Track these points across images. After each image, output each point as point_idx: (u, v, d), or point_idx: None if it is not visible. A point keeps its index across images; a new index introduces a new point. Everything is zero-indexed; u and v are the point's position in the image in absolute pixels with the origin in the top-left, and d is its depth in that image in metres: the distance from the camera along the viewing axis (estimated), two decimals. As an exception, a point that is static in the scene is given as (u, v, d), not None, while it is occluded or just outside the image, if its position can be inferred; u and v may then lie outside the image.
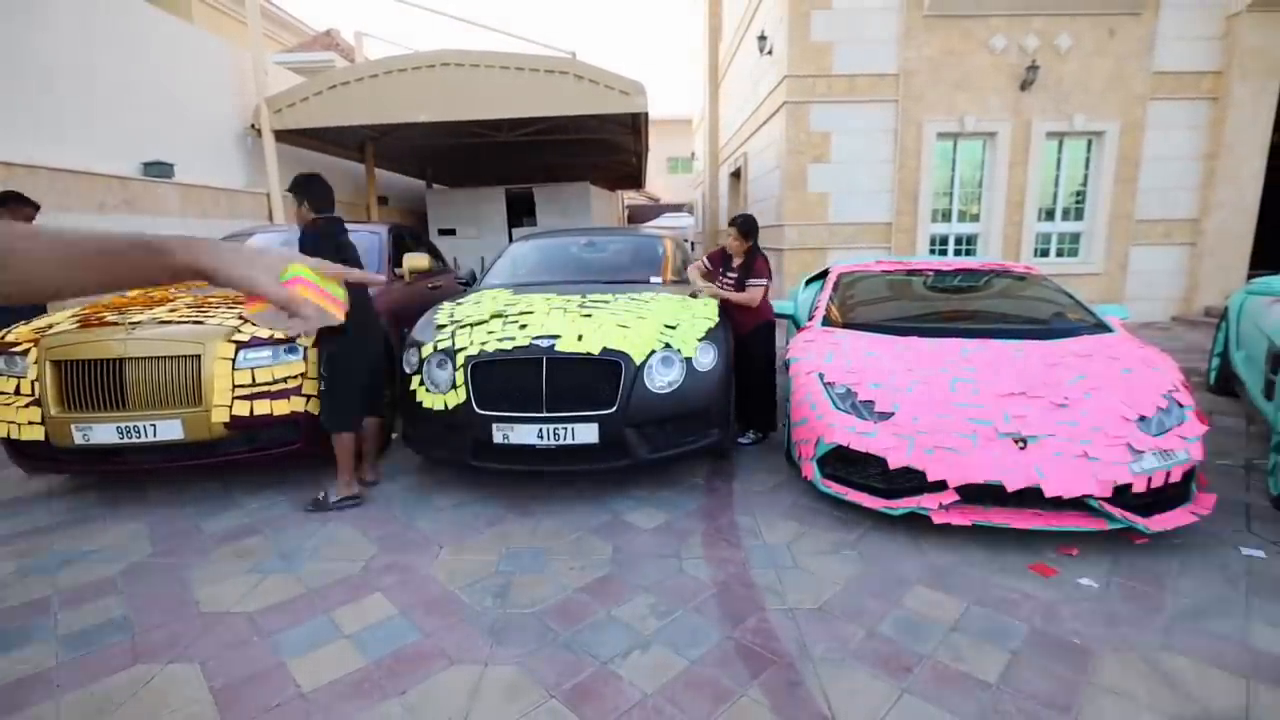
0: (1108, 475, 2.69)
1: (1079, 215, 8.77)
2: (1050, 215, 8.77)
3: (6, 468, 3.95)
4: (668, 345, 3.29)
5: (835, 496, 3.14)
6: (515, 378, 3.15)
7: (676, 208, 28.06)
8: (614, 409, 3.11)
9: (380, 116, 8.43)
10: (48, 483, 3.75)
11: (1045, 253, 8.83)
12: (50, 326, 3.41)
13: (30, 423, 3.21)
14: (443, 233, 12.13)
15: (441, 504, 3.38)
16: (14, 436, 3.24)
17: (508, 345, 3.18)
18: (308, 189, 3.28)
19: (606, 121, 9.56)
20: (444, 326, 3.57)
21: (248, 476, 3.71)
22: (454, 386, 3.22)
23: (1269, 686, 1.98)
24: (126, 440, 3.19)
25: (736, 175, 12.79)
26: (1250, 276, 8.55)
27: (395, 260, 5.04)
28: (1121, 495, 2.72)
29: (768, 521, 3.13)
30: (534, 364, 3.13)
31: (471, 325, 3.45)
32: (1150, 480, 2.72)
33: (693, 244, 17.00)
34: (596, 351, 3.13)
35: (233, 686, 2.03)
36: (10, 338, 3.36)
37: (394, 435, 4.20)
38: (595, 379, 3.15)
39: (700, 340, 3.40)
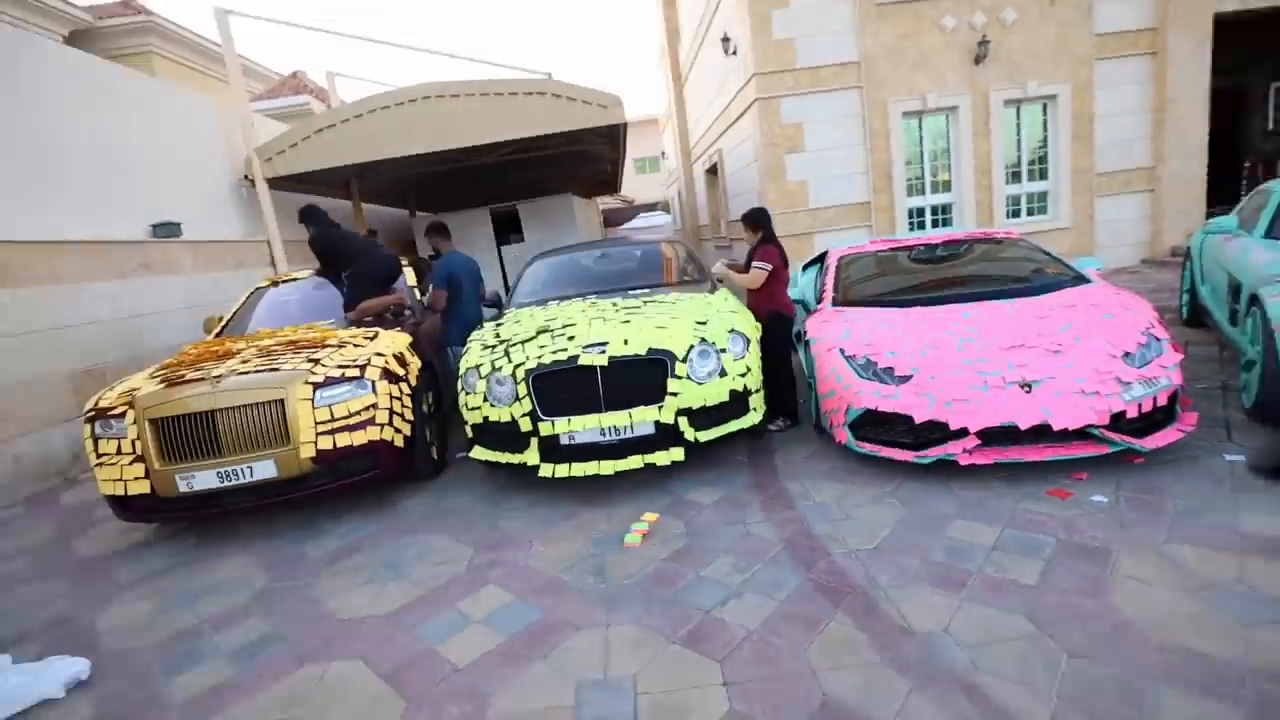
0: (1104, 405, 3.11)
1: (1044, 175, 9.29)
2: (1017, 178, 9.29)
3: (95, 526, 4.23)
4: (703, 340, 3.67)
5: (870, 455, 3.53)
6: (573, 383, 3.51)
7: (650, 207, 28.47)
8: (665, 401, 3.48)
9: (367, 154, 8.70)
10: (143, 534, 4.04)
11: (1017, 213, 9.35)
12: (136, 390, 3.70)
13: (137, 478, 3.51)
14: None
15: (516, 506, 3.72)
16: (122, 493, 3.53)
17: (562, 356, 3.53)
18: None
19: (584, 133, 9.91)
20: (494, 347, 3.92)
21: (327, 507, 4.02)
22: (517, 399, 3.57)
23: (1257, 557, 2.41)
24: (226, 484, 3.50)
25: (713, 171, 13.21)
26: (1208, 215, 9.14)
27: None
28: (1118, 422, 3.15)
29: (813, 485, 3.52)
30: (589, 369, 3.49)
31: (522, 342, 3.80)
32: (1140, 406, 3.16)
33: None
34: (644, 352, 3.50)
35: (398, 671, 2.37)
36: (104, 403, 3.65)
37: (460, 455, 4.52)
38: (644, 377, 3.52)
39: (730, 332, 3.79)
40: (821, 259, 5.84)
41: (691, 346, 3.61)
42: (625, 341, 3.55)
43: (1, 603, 3.35)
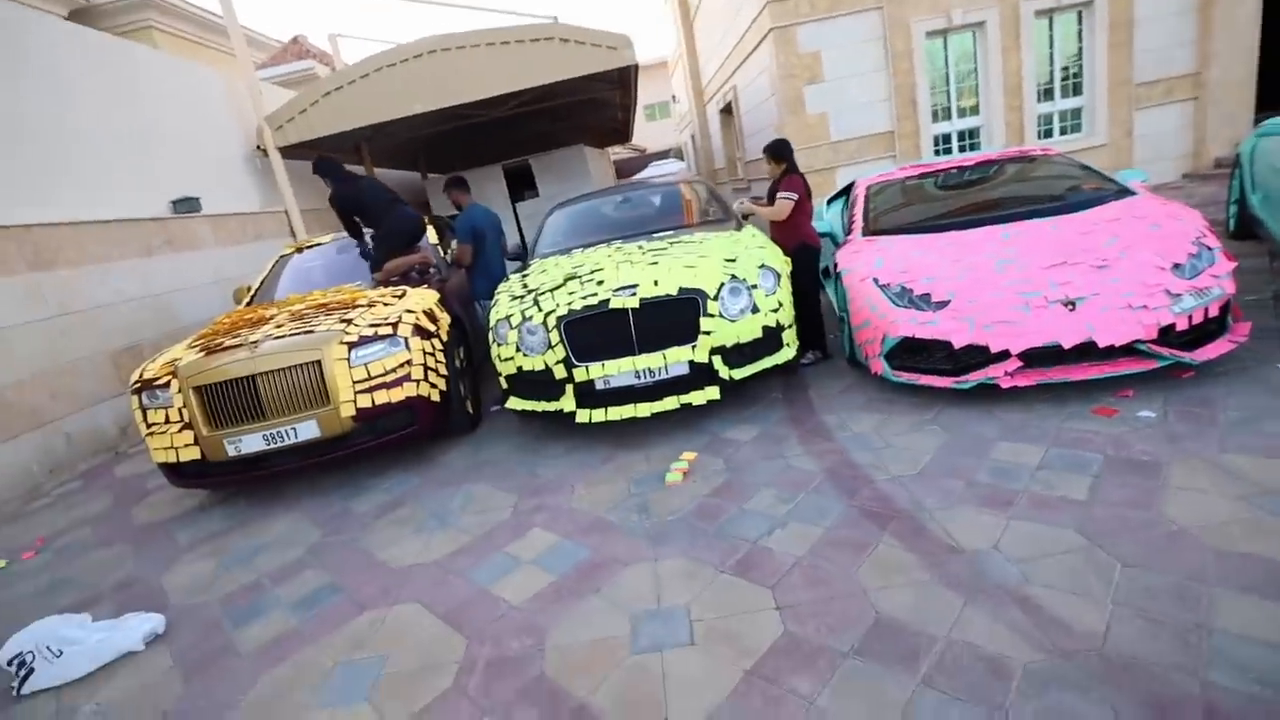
0: (1151, 319, 3.01)
1: (1077, 91, 8.81)
2: (1049, 95, 8.83)
3: (150, 495, 4.40)
4: (733, 276, 3.61)
5: (908, 384, 3.48)
6: (606, 328, 3.49)
7: (662, 155, 27.81)
8: (698, 340, 3.45)
9: (376, 115, 8.58)
10: (197, 499, 4.18)
11: (1049, 133, 8.92)
12: (177, 359, 3.78)
13: (187, 444, 3.61)
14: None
15: (554, 452, 3.77)
16: (174, 460, 3.65)
17: (593, 300, 3.51)
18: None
19: (593, 80, 9.61)
20: (522, 297, 3.90)
21: (368, 465, 4.11)
22: (550, 346, 3.56)
23: (1319, 463, 2.34)
24: (273, 446, 3.59)
25: (727, 111, 12.80)
26: (1257, 120, 8.62)
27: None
28: (1166, 336, 3.05)
29: (850, 416, 3.49)
30: (621, 312, 3.46)
31: (551, 290, 3.77)
32: (1191, 318, 3.04)
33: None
34: (675, 292, 3.46)
35: (455, 612, 2.45)
36: (149, 375, 3.73)
37: (495, 407, 4.58)
38: (676, 317, 3.48)
39: (760, 268, 3.71)
40: (847, 191, 5.66)
41: (722, 284, 3.55)
42: (655, 282, 3.50)
43: (73, 569, 3.51)
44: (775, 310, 3.65)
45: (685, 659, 1.97)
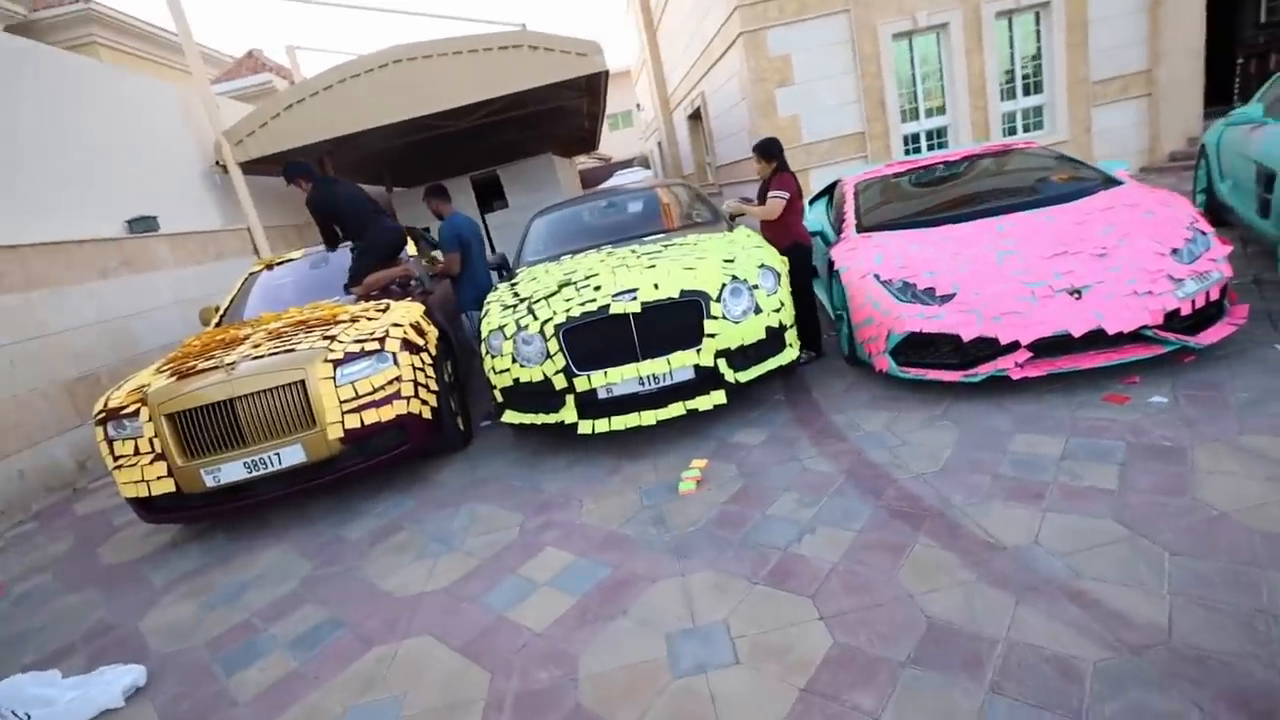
0: (1157, 305, 3.02)
1: (1038, 89, 9.04)
2: (1012, 94, 9.04)
3: (117, 533, 4.10)
4: (734, 277, 3.53)
5: (915, 379, 3.44)
6: (607, 334, 3.37)
7: (627, 163, 27.79)
8: (702, 343, 3.35)
9: (340, 128, 8.34)
10: (169, 535, 3.91)
11: (1013, 131, 9.13)
12: (145, 386, 3.52)
13: (159, 476, 3.36)
14: (424, 229, 12.07)
15: (555, 466, 3.62)
16: (145, 494, 3.39)
17: (592, 306, 3.38)
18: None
19: (561, 88, 9.52)
20: (515, 306, 3.76)
21: (359, 488, 3.90)
22: (548, 356, 3.42)
23: (1341, 440, 2.34)
24: (255, 473, 3.36)
25: (695, 117, 12.83)
26: (1206, 115, 8.97)
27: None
28: (1171, 321, 3.06)
29: (859, 415, 3.43)
30: (622, 318, 3.35)
31: (545, 298, 3.63)
32: (1194, 302, 3.06)
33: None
34: (677, 295, 3.36)
35: (473, 643, 2.28)
36: (114, 403, 3.47)
37: (485, 422, 4.41)
38: (679, 321, 3.38)
39: (759, 268, 3.64)
40: (830, 190, 5.66)
41: (724, 285, 3.47)
42: (656, 286, 3.39)
43: (37, 619, 3.23)
44: (777, 310, 3.57)
45: (733, 679, 1.86)
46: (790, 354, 3.66)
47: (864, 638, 1.90)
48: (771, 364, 3.56)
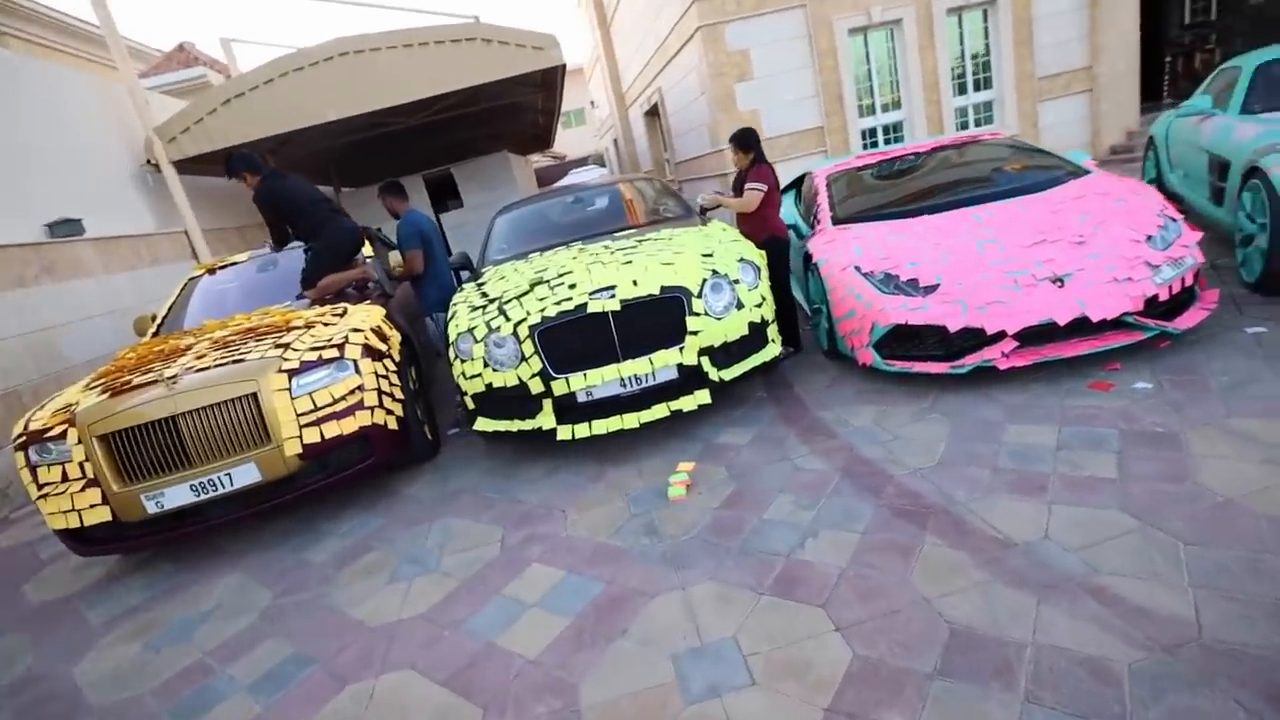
0: (1138, 291, 3.03)
1: (988, 85, 9.25)
2: (963, 89, 9.22)
3: (46, 566, 3.72)
4: (715, 272, 3.41)
5: (899, 372, 3.39)
6: (585, 334, 3.20)
7: (581, 162, 27.50)
8: (685, 341, 3.22)
9: (283, 124, 7.90)
10: (105, 567, 3.56)
11: (965, 125, 9.31)
12: (73, 404, 3.18)
13: (93, 505, 3.03)
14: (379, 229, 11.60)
15: (533, 475, 3.43)
16: (77, 525, 3.05)
17: (569, 305, 3.21)
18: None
19: (516, 83, 9.26)
20: (484, 307, 3.55)
21: (319, 507, 3.62)
22: (523, 359, 3.23)
23: (1327, 421, 2.37)
24: (204, 496, 3.07)
25: (653, 113, 12.71)
26: (1143, 110, 9.35)
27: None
28: (1149, 307, 3.08)
29: (846, 410, 3.35)
30: (600, 316, 3.18)
31: (517, 298, 3.44)
32: (1171, 288, 3.09)
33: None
34: (657, 291, 3.21)
35: (460, 675, 2.09)
36: (36, 425, 3.12)
37: (453, 430, 4.18)
38: (660, 318, 3.24)
39: (739, 262, 3.53)
40: (797, 184, 5.62)
41: (704, 280, 3.34)
42: (634, 282, 3.24)
43: (-48, 668, 2.87)
44: (759, 305, 3.47)
45: (751, 702, 1.72)
46: (773, 350, 3.56)
47: (885, 648, 1.79)
48: (755, 360, 3.45)
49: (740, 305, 3.39)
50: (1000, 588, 1.92)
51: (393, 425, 3.45)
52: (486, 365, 3.33)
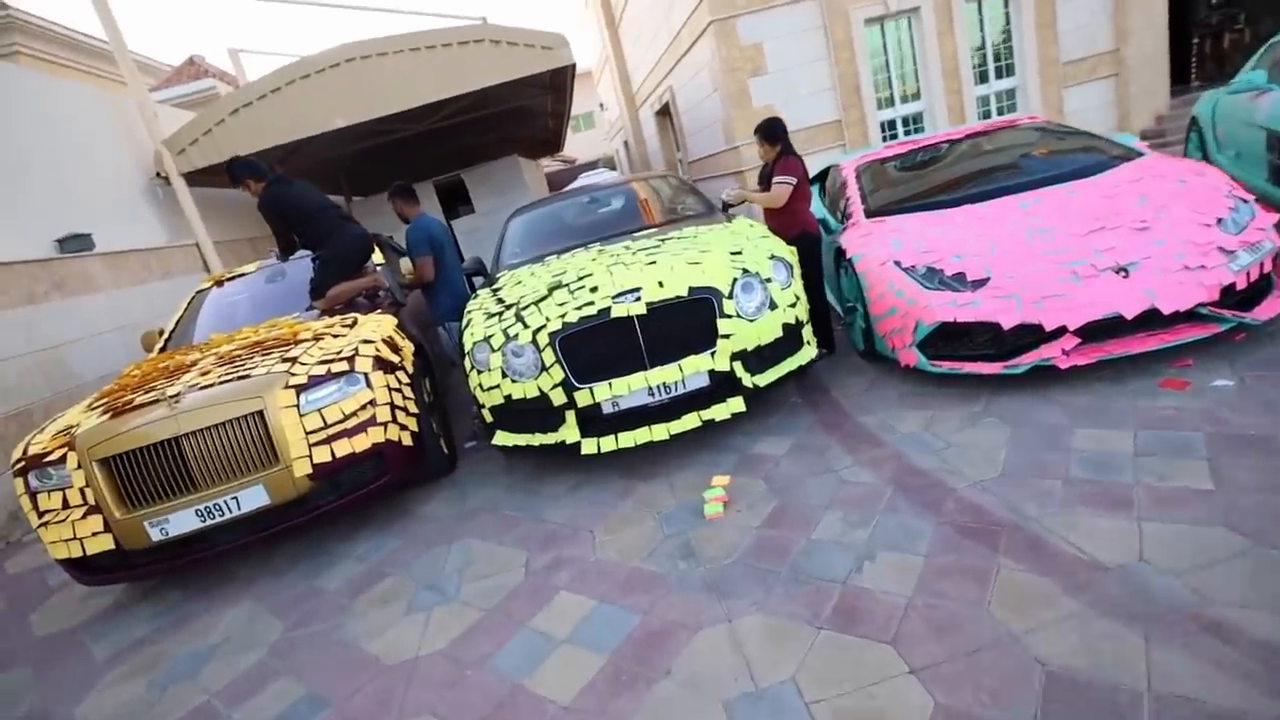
0: (1213, 280, 2.77)
1: (1010, 72, 8.95)
2: (984, 77, 8.92)
3: (54, 594, 3.57)
4: (745, 270, 3.19)
5: (947, 373, 3.15)
6: (609, 340, 3.00)
7: (591, 165, 27.37)
8: (716, 345, 3.01)
9: (292, 133, 7.80)
10: (113, 595, 3.40)
11: (988, 114, 9.01)
12: (73, 426, 3.03)
13: (95, 533, 2.87)
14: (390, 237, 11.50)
15: (556, 491, 3.23)
16: (79, 554, 2.90)
17: (590, 310, 3.00)
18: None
19: (526, 86, 9.11)
20: (500, 314, 3.36)
21: (331, 529, 3.45)
22: (544, 368, 3.03)
23: None
24: (210, 521, 2.90)
25: (664, 113, 12.51)
26: (1173, 93, 9.00)
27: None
28: (1224, 297, 2.82)
29: (891, 416, 3.12)
30: (625, 321, 2.98)
31: (535, 303, 3.24)
32: (1248, 275, 2.83)
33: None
34: (685, 293, 3.01)
35: (486, 720, 1.89)
36: (35, 449, 2.97)
37: (469, 444, 4.00)
38: (688, 322, 3.03)
39: (770, 259, 3.31)
40: (821, 177, 5.38)
41: (735, 279, 3.13)
42: (660, 284, 3.03)
43: (-48, 707, 2.72)
44: (793, 305, 3.25)
45: (820, 761, 1.50)
46: (809, 352, 3.34)
47: (971, 696, 1.56)
48: (791, 364, 3.23)
49: (773, 305, 3.17)
50: (1097, 621, 1.69)
51: (407, 441, 3.27)
52: (505, 376, 3.13)
